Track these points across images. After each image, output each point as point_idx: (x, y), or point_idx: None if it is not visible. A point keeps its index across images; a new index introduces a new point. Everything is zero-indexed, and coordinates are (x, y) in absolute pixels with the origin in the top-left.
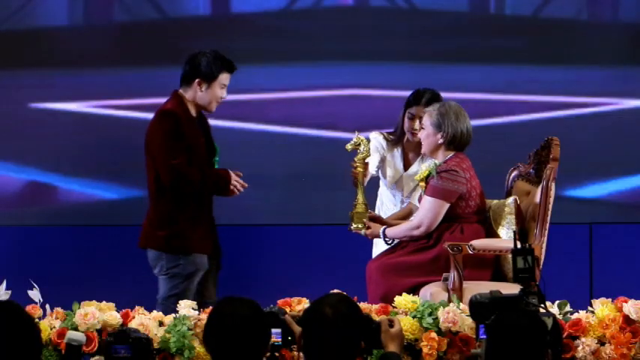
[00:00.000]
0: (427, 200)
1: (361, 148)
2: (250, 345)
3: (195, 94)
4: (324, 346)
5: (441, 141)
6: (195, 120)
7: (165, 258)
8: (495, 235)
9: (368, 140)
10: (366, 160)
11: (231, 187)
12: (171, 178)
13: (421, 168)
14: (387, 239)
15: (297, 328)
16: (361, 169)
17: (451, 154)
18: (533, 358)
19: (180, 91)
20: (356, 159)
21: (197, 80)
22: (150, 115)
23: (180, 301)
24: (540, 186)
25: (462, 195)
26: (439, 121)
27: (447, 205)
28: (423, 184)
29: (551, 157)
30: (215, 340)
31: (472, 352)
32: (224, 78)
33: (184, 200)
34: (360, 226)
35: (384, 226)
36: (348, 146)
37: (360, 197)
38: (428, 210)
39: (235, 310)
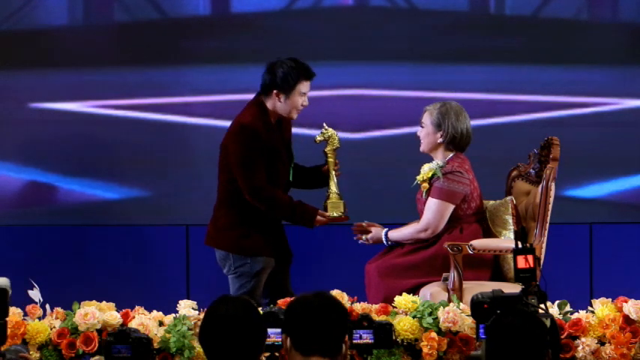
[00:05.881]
0: (433, 202)
1: (331, 139)
2: (245, 345)
3: (275, 104)
4: (313, 332)
5: (440, 140)
6: (275, 127)
7: (232, 258)
8: (493, 236)
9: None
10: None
11: (315, 225)
12: (258, 200)
13: (423, 169)
14: (389, 242)
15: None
16: (332, 160)
17: (451, 154)
18: (534, 359)
19: (262, 97)
20: (327, 150)
21: (275, 92)
22: (150, 115)
23: (180, 301)
24: (540, 186)
25: (464, 196)
26: (439, 121)
27: (452, 207)
28: (425, 184)
29: (551, 157)
30: (210, 341)
31: (472, 354)
32: (303, 86)
33: (255, 206)
34: (334, 214)
35: (385, 229)
36: (318, 138)
37: (333, 187)
38: (434, 212)
39: (230, 310)
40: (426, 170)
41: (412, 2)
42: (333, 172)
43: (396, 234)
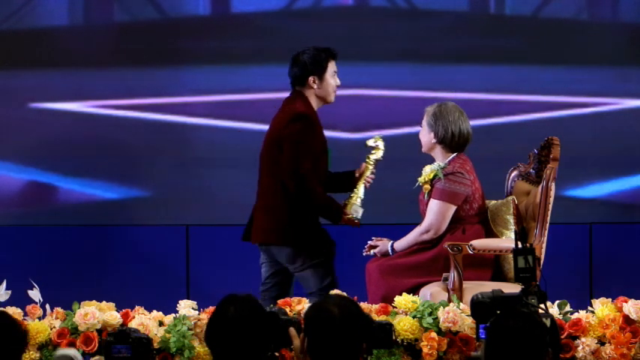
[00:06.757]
0: (434, 203)
1: (376, 149)
2: (251, 344)
3: (314, 92)
4: (331, 345)
5: (434, 140)
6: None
7: (306, 250)
8: (494, 236)
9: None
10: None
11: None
12: (302, 187)
13: (425, 170)
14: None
15: (298, 343)
16: (370, 167)
17: (452, 155)
18: None
19: (298, 89)
20: (371, 157)
21: (311, 78)
22: (150, 115)
23: (180, 301)
24: (540, 186)
25: (466, 197)
26: (432, 121)
27: (454, 208)
28: (427, 186)
29: (551, 157)
30: (218, 341)
31: (472, 355)
32: (332, 65)
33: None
34: (353, 215)
35: (391, 241)
36: (370, 142)
37: (361, 192)
38: (436, 213)
39: (239, 310)
40: (428, 171)
41: (412, 2)
42: (365, 179)
43: (401, 243)
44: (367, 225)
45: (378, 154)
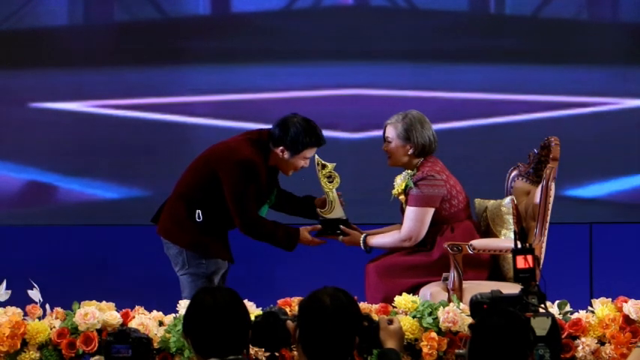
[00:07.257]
0: (411, 210)
1: (335, 177)
2: (232, 332)
3: (277, 157)
4: (323, 336)
5: (410, 152)
6: (268, 170)
7: (186, 255)
8: (493, 235)
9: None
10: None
11: (308, 244)
12: (246, 227)
13: (396, 182)
14: (367, 248)
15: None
16: (332, 193)
17: (420, 160)
18: (514, 359)
19: (270, 144)
20: (330, 185)
21: (281, 148)
22: (150, 115)
23: (180, 301)
24: (540, 186)
25: (443, 197)
26: (406, 134)
27: (432, 211)
28: (402, 197)
29: (551, 156)
30: (198, 332)
31: (457, 353)
32: (309, 152)
33: (217, 210)
34: (333, 216)
35: (364, 234)
36: (324, 171)
37: (332, 196)
38: (413, 220)
39: (215, 298)
40: (399, 183)
41: (412, 2)
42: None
43: (376, 241)
44: (364, 225)
45: (336, 183)
